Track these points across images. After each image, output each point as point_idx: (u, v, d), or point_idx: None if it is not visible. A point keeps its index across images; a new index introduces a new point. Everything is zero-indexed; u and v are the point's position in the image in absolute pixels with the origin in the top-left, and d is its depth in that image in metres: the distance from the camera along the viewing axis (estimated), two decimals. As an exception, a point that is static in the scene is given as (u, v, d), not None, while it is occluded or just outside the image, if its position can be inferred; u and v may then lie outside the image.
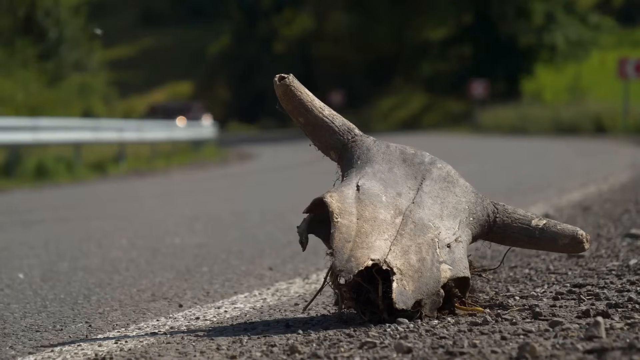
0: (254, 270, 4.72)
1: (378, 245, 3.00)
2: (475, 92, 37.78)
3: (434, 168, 3.33)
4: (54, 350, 3.04)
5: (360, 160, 3.31)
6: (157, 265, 5.04)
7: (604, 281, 3.71)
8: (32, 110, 21.98)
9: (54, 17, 30.57)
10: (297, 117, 3.36)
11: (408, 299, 2.93)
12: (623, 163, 13.56)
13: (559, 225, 3.31)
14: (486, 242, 3.44)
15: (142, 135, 21.28)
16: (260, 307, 3.66)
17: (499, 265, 3.64)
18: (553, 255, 4.53)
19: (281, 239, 5.96)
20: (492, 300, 3.38)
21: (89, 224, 7.78)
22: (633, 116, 28.25)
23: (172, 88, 61.01)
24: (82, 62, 32.44)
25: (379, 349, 2.71)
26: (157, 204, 9.90)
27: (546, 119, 32.62)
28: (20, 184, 14.66)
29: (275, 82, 3.32)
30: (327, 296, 3.63)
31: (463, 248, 3.15)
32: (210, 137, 27.10)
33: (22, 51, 27.10)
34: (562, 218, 6.10)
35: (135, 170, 18.66)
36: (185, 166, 20.62)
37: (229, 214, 8.07)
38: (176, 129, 25.34)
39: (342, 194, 3.14)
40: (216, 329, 3.22)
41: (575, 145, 21.87)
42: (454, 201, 3.26)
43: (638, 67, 27.60)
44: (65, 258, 5.46)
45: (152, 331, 3.25)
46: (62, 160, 17.40)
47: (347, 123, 3.40)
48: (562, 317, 3.02)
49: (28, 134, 15.90)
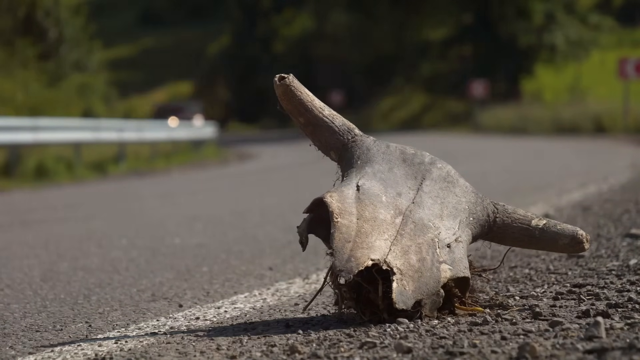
0: (254, 270, 4.72)
1: (378, 245, 3.00)
2: (475, 92, 37.78)
3: (434, 168, 3.33)
4: (54, 350, 3.04)
5: (360, 160, 3.31)
6: (157, 265, 5.04)
7: (604, 281, 3.71)
8: (32, 110, 21.98)
9: (54, 17, 30.57)
10: (297, 117, 3.36)
11: (408, 299, 2.93)
12: (623, 163, 13.56)
13: (559, 225, 3.31)
14: (486, 242, 3.44)
15: (142, 135, 21.28)
16: (260, 307, 3.66)
17: (499, 265, 3.64)
18: (553, 255, 4.53)
19: (281, 239, 5.96)
20: (492, 300, 3.38)
21: (89, 224, 7.78)
22: (633, 116, 28.26)
23: (172, 88, 61.02)
24: (82, 62, 32.45)
25: (379, 349, 2.71)
26: (157, 204, 9.90)
27: (546, 119, 32.63)
28: (20, 184, 14.66)
29: (275, 82, 3.32)
30: (327, 296, 3.63)
31: (463, 248, 3.15)
32: (210, 137, 27.10)
33: (22, 51, 27.10)
34: (562, 218, 6.10)
35: (135, 170, 18.66)
36: (185, 166, 20.62)
37: (229, 214, 8.07)
38: (176, 128, 25.33)
39: (342, 194, 3.14)
40: (216, 329, 3.22)
41: (575, 145, 21.87)
42: (454, 201, 3.26)
43: (638, 67, 27.60)
44: (65, 258, 5.46)
45: (152, 331, 3.25)
46: (62, 160, 17.41)
47: (347, 123, 3.40)
48: (562, 317, 3.02)
49: (28, 134, 15.90)
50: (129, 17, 74.77)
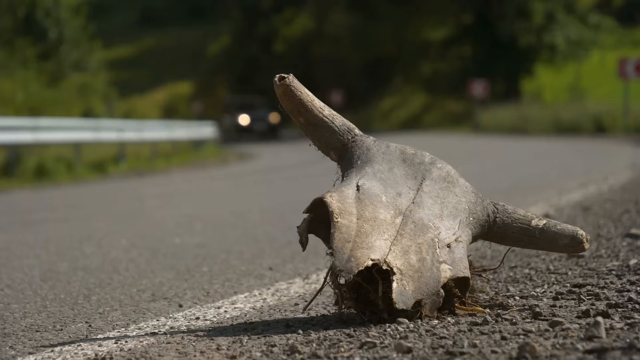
0: (254, 270, 4.72)
1: (378, 245, 3.00)
2: (475, 92, 37.78)
3: (434, 168, 3.33)
4: (54, 350, 3.04)
5: (360, 160, 3.31)
6: (157, 265, 5.04)
7: (604, 281, 3.71)
8: (32, 110, 21.99)
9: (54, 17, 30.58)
10: (297, 117, 3.36)
11: (408, 299, 2.93)
12: (623, 163, 13.56)
13: (559, 225, 3.31)
14: (486, 242, 3.44)
15: (142, 135, 21.28)
16: (260, 307, 3.66)
17: (499, 265, 3.64)
18: (553, 255, 4.53)
19: (281, 239, 5.96)
20: (492, 300, 3.38)
21: (89, 224, 7.78)
22: (633, 116, 28.26)
23: (172, 88, 60.99)
24: (82, 62, 32.46)
25: (379, 349, 2.71)
26: (157, 204, 9.90)
27: (546, 119, 32.63)
28: (20, 184, 14.66)
29: (275, 82, 3.32)
30: (327, 296, 3.63)
31: (463, 248, 3.15)
32: (210, 137, 27.10)
33: (22, 51, 27.11)
34: (562, 218, 6.10)
35: (135, 170, 18.66)
36: (185, 166, 20.62)
37: (229, 214, 8.07)
38: (176, 128, 25.29)
39: (342, 194, 3.14)
40: (216, 329, 3.22)
41: (575, 145, 21.87)
42: (454, 201, 3.26)
43: (638, 67, 27.60)
44: (65, 258, 5.45)
45: (152, 331, 3.25)
46: (62, 160, 17.41)
47: (347, 123, 3.40)
48: (562, 317, 3.01)
49: (28, 134, 15.90)
50: (129, 17, 74.76)
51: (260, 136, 37.00)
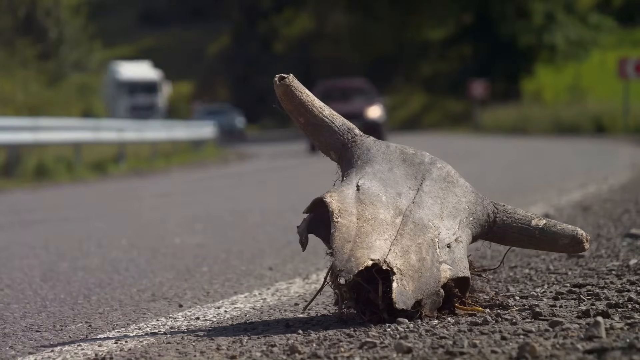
0: (254, 270, 4.71)
1: (378, 245, 3.00)
2: (475, 92, 37.79)
3: (434, 168, 3.33)
4: (54, 350, 3.04)
5: (360, 160, 3.30)
6: (157, 265, 5.04)
7: (604, 281, 3.71)
8: (32, 110, 22.00)
9: (54, 17, 30.59)
10: (297, 117, 3.36)
11: (408, 299, 2.93)
12: (623, 163, 13.56)
13: (559, 225, 3.30)
14: (486, 242, 3.43)
15: (142, 135, 21.28)
16: (260, 307, 3.66)
17: (499, 265, 3.64)
18: (553, 255, 4.53)
19: (281, 239, 5.96)
20: (492, 300, 3.38)
21: (89, 224, 7.78)
22: (633, 116, 28.26)
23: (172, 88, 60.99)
24: (82, 62, 32.47)
25: (379, 349, 2.71)
26: (157, 204, 9.90)
27: (546, 119, 32.64)
28: (20, 184, 14.66)
29: (275, 82, 3.32)
30: (327, 296, 3.63)
31: (463, 248, 3.15)
32: (210, 137, 27.10)
33: (22, 51, 27.12)
34: (562, 218, 6.10)
35: (135, 170, 18.66)
36: (185, 166, 20.62)
37: (229, 214, 8.06)
38: (176, 129, 25.28)
39: (342, 194, 3.14)
40: (216, 329, 3.22)
41: (575, 145, 21.86)
42: (454, 201, 3.26)
43: (638, 67, 27.60)
44: (65, 258, 5.45)
45: (152, 331, 3.25)
46: (62, 160, 17.41)
47: (347, 123, 3.40)
48: (562, 317, 3.01)
49: (28, 134, 15.90)
50: (129, 17, 74.76)
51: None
